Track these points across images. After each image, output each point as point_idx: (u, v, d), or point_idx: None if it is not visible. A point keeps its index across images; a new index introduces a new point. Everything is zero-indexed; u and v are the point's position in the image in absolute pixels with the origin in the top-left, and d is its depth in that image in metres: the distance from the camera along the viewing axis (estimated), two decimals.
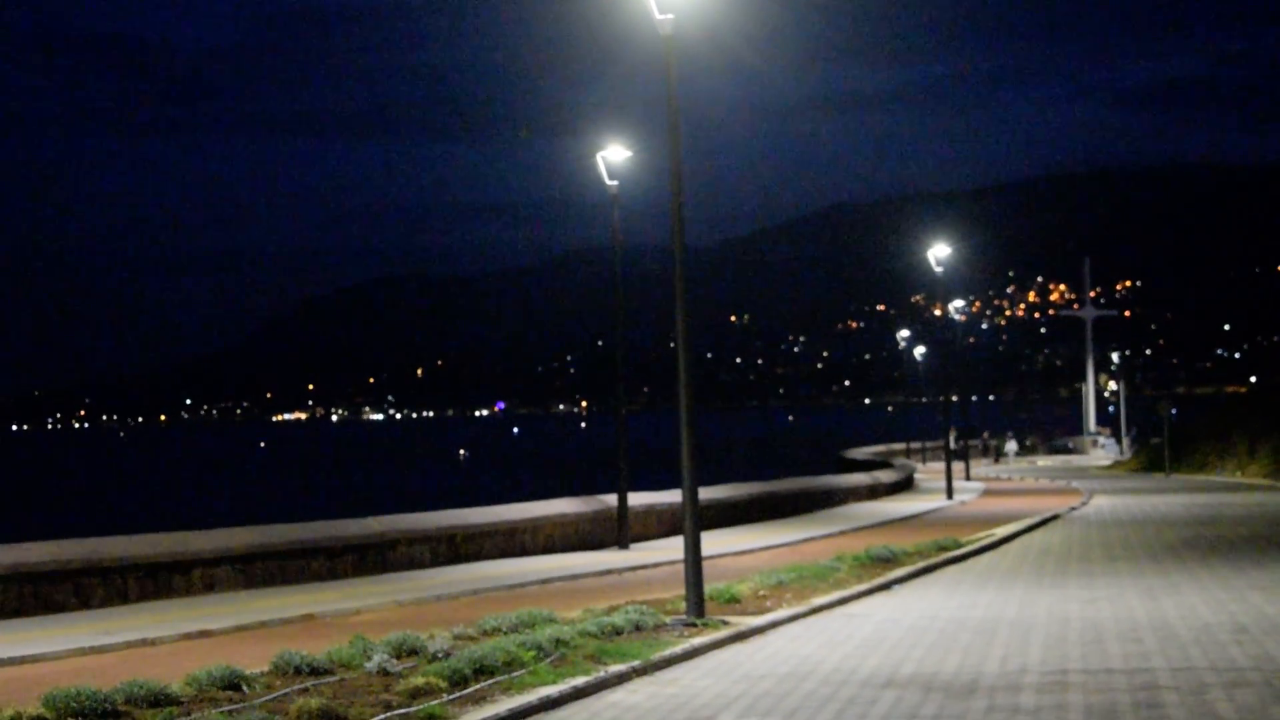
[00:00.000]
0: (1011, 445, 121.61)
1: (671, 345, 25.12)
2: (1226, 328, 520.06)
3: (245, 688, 16.96)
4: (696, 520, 24.02)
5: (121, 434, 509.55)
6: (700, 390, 29.45)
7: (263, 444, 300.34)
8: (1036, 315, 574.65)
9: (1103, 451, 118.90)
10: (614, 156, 37.72)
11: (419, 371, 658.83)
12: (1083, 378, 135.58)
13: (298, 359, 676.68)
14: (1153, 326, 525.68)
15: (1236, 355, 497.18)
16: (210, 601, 26.74)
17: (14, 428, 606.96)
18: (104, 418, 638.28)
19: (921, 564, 32.52)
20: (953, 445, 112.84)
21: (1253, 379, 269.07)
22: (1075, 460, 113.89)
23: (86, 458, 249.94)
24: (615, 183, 37.96)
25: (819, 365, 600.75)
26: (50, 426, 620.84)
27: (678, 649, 20.48)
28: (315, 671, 17.95)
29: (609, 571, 32.23)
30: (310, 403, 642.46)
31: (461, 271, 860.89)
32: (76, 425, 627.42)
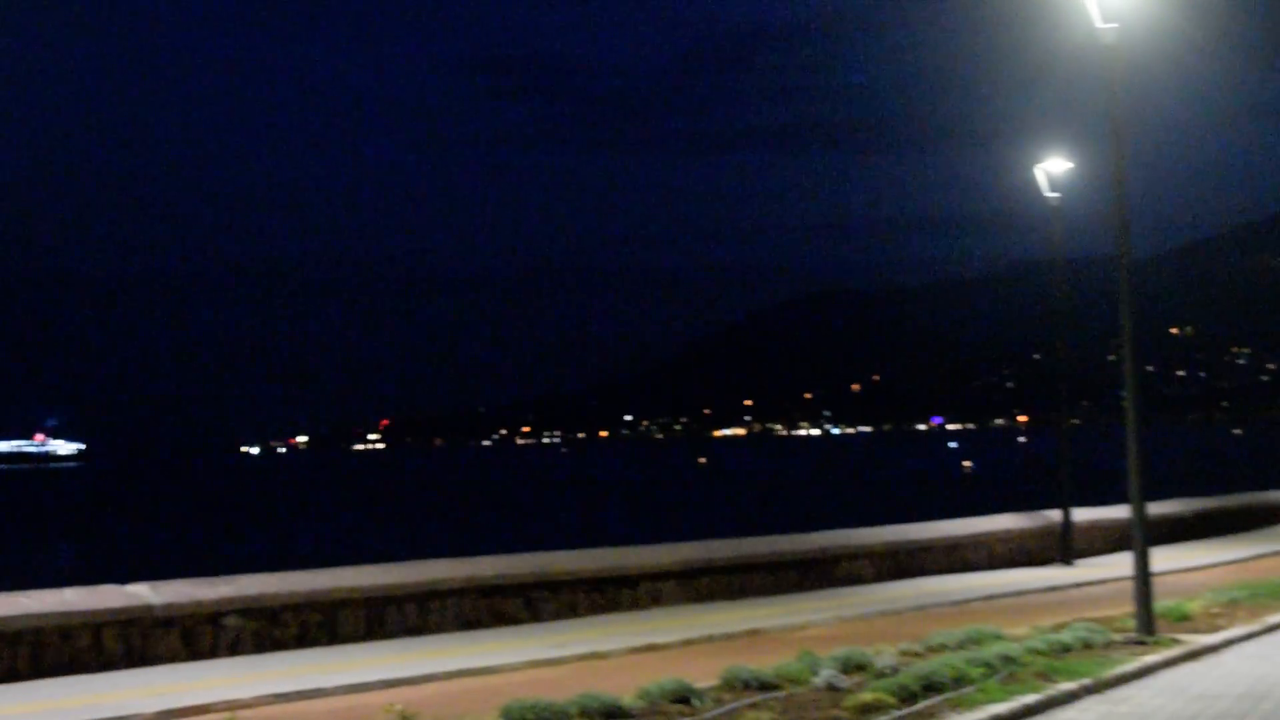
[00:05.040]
0: None
1: (1111, 358, 24.81)
2: None
3: (695, 701, 17.20)
4: (1145, 535, 23.62)
5: (564, 449, 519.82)
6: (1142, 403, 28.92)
7: (703, 460, 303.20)
8: None
9: None
10: (1054, 168, 37.44)
11: (855, 387, 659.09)
12: None
13: (735, 375, 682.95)
14: None
15: None
16: (655, 615, 27.16)
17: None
18: (546, 433, 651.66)
19: None
20: None
21: None
22: None
23: (526, 473, 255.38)
24: (1056, 195, 37.59)
25: (1263, 378, 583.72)
26: (496, 442, 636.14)
27: (1129, 667, 20.17)
28: (763, 686, 18.12)
29: (1054, 588, 31.89)
30: (748, 418, 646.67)
31: (898, 286, 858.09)
32: (521, 441, 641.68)
